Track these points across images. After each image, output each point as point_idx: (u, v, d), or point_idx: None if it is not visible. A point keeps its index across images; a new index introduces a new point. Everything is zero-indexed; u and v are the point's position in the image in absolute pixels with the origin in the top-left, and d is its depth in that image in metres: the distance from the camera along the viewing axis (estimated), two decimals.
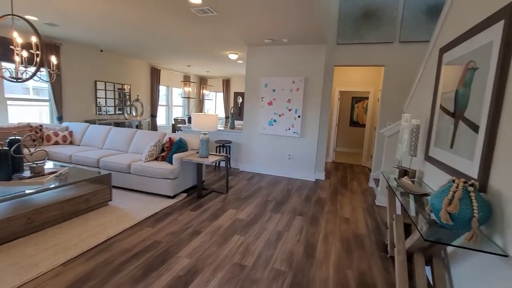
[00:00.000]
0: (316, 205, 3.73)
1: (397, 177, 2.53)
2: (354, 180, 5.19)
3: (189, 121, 6.03)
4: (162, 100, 9.06)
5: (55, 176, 2.92)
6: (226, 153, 5.50)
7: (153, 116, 8.33)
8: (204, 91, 9.48)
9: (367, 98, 8.23)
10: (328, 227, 3.04)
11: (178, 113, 10.10)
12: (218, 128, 5.94)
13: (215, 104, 11.09)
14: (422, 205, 1.85)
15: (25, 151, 3.44)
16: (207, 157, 3.81)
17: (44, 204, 2.60)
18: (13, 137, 2.76)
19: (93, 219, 2.87)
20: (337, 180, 5.14)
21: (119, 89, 7.09)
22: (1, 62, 4.55)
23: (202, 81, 10.85)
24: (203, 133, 3.79)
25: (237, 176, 5.04)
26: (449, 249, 1.86)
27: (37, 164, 2.87)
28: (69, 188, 3.10)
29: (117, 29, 4.44)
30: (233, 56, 5.92)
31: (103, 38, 5.22)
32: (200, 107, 11.04)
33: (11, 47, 2.64)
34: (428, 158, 2.38)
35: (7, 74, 2.65)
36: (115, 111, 7.01)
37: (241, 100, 10.25)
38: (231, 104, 10.49)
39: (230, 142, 5.47)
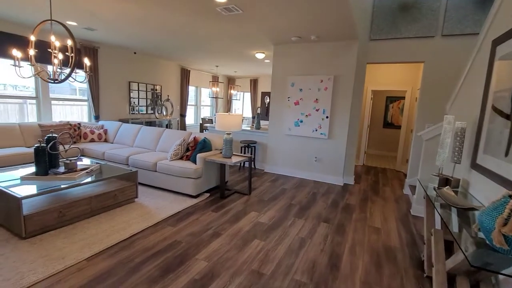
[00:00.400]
0: (343, 211, 3.50)
1: (437, 186, 2.25)
2: (387, 186, 4.83)
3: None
4: (191, 100, 9.29)
5: (86, 172, 3.06)
6: (251, 154, 5.43)
7: (182, 115, 8.56)
8: (232, 91, 9.53)
9: (403, 97, 7.66)
10: (356, 237, 2.82)
11: (206, 112, 10.29)
12: (244, 128, 5.91)
13: (242, 104, 11.12)
14: (467, 221, 1.60)
15: (61, 148, 3.67)
16: (230, 157, 3.77)
17: (75, 199, 2.73)
18: (50, 135, 2.94)
19: (119, 215, 2.97)
20: (367, 185, 4.82)
21: (151, 89, 7.39)
22: (41, 64, 4.95)
23: (230, 81, 10.94)
24: (227, 133, 3.75)
25: (261, 177, 4.95)
26: (502, 275, 1.58)
27: (70, 160, 3.04)
28: (98, 184, 3.24)
29: (149, 32, 4.59)
30: (260, 55, 5.84)
31: (136, 41, 5.44)
32: (227, 107, 11.14)
33: (48, 50, 2.80)
34: (475, 166, 2.08)
35: (46, 76, 2.82)
36: (146, 111, 7.32)
37: (268, 100, 10.17)
38: (259, 104, 10.44)
39: (255, 142, 5.40)
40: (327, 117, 4.71)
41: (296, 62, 4.93)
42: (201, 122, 8.67)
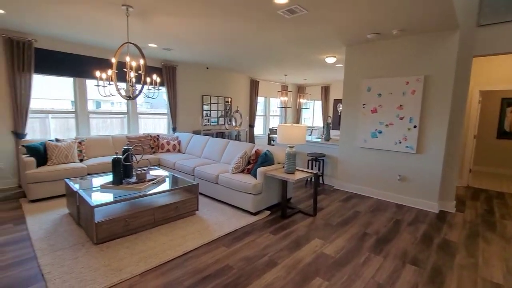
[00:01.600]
0: (440, 251, 2.66)
1: None
2: (508, 218, 3.56)
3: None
4: (260, 110, 9.33)
5: (152, 183, 3.20)
6: (319, 169, 4.91)
7: (251, 126, 8.64)
8: (301, 100, 9.15)
9: None
10: None
11: (276, 123, 10.18)
12: (313, 139, 5.44)
13: (313, 113, 10.57)
14: None
15: (135, 158, 4.01)
16: (293, 173, 3.40)
17: (140, 209, 2.85)
18: (126, 147, 3.20)
19: (179, 228, 2.96)
20: (476, 214, 3.66)
21: (223, 101, 7.70)
22: (119, 83, 5.68)
23: (300, 90, 10.58)
24: (290, 147, 3.41)
25: (330, 195, 4.37)
26: None
27: (141, 171, 3.23)
28: (162, 195, 3.35)
29: (215, 46, 4.72)
30: (330, 60, 5.33)
31: (207, 57, 5.72)
32: (296, 116, 10.78)
33: (124, 69, 3.07)
34: None
35: (123, 93, 3.10)
36: (218, 122, 7.65)
37: (341, 108, 9.35)
38: (331, 112, 9.71)
39: (323, 155, 4.87)
40: (414, 126, 3.83)
41: (373, 62, 4.24)
42: (269, 132, 8.56)
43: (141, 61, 3.00)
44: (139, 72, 3.03)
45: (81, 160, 4.37)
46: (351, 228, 3.14)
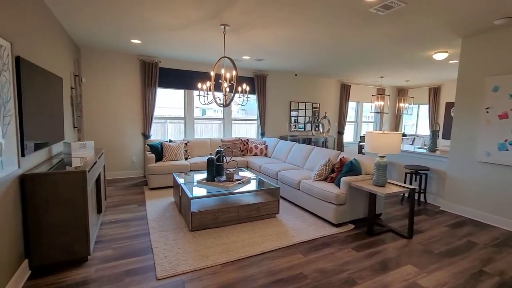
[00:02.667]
0: None
1: None
2: None
3: None
4: (350, 116, 8.75)
5: (239, 183, 3.49)
6: (420, 184, 4.20)
7: (340, 133, 8.20)
8: (401, 104, 8.05)
9: None
10: None
11: (369, 130, 9.32)
12: (415, 149, 4.70)
13: (416, 119, 9.12)
14: None
15: (232, 158, 4.44)
16: (383, 186, 3.04)
17: (227, 206, 3.15)
18: (218, 149, 3.61)
19: (259, 228, 3.11)
20: None
21: (313, 107, 7.64)
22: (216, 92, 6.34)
23: (400, 93, 9.33)
24: (380, 156, 3.07)
25: (433, 217, 3.66)
26: None
27: (230, 171, 3.58)
28: (246, 195, 3.59)
29: (306, 52, 4.75)
30: (440, 56, 4.49)
31: (296, 64, 5.82)
32: (395, 123, 9.54)
33: (220, 81, 3.48)
34: None
35: (218, 101, 3.52)
36: (304, 128, 7.62)
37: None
38: (441, 118, 8.15)
39: (427, 169, 4.13)
40: None
41: (502, 56, 3.34)
42: (359, 140, 7.91)
43: (234, 72, 3.34)
44: (232, 82, 3.38)
45: (186, 159, 5.20)
46: (461, 261, 2.54)
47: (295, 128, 7.45)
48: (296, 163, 4.84)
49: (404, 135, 7.98)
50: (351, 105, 8.72)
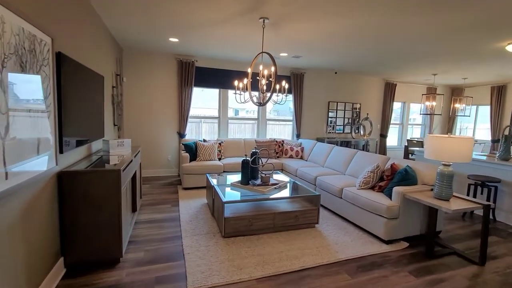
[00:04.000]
0: None
1: None
2: None
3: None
4: (395, 118, 8.01)
5: (275, 187, 3.23)
6: (488, 198, 3.56)
7: (383, 136, 7.53)
8: (457, 105, 7.13)
9: None
10: None
11: (416, 133, 8.47)
12: (478, 156, 4.05)
13: (474, 122, 8.06)
14: None
15: (268, 161, 4.21)
16: (447, 200, 2.56)
17: (262, 212, 2.92)
18: (254, 150, 3.40)
19: (297, 239, 2.82)
20: None
21: (353, 108, 7.13)
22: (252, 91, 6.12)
23: (455, 92, 8.32)
24: (444, 164, 2.59)
25: (508, 239, 3.05)
26: None
27: (265, 174, 3.34)
28: (283, 202, 3.32)
29: (353, 49, 4.34)
30: None
31: (338, 61, 5.41)
32: (448, 126, 8.54)
33: (257, 78, 3.26)
34: None
35: (255, 100, 3.31)
36: (343, 130, 7.12)
37: None
38: (506, 121, 7.07)
39: (498, 181, 3.48)
40: None
41: None
42: (406, 144, 7.18)
43: (272, 69, 3.10)
44: (270, 79, 3.14)
45: (219, 159, 5.09)
46: None
47: (333, 130, 6.99)
48: (336, 167, 4.44)
49: None
50: (396, 106, 7.98)
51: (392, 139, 8.12)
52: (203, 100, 6.11)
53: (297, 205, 3.20)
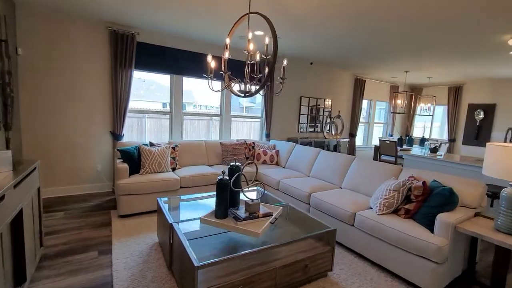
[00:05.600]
0: None
1: None
2: None
3: (434, 151, 4.05)
4: (364, 116, 7.67)
5: (271, 222, 2.14)
6: None
7: (352, 135, 7.08)
8: (422, 104, 7.09)
9: None
10: None
11: (376, 132, 8.32)
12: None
13: (431, 122, 8.25)
14: None
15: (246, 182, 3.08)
16: None
17: (257, 270, 1.80)
18: (234, 164, 2.24)
19: None
20: None
21: (322, 104, 6.40)
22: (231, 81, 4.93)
23: (415, 91, 8.41)
24: None
25: None
26: None
27: (252, 200, 2.22)
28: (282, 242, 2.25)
29: (345, 29, 3.47)
30: None
31: (318, 48, 4.54)
32: (407, 124, 8.63)
33: (244, 52, 2.10)
34: None
35: (236, 88, 2.15)
36: (314, 129, 6.39)
37: (482, 116, 6.87)
38: (462, 120, 7.30)
39: None
40: None
41: None
42: (378, 144, 6.83)
43: (266, 40, 1.98)
44: (265, 56, 2.01)
45: (173, 169, 3.75)
46: None
47: (305, 129, 6.20)
48: (327, 178, 3.57)
49: (424, 139, 7.04)
50: (364, 103, 7.63)
51: (358, 139, 7.78)
52: (150, 88, 4.62)
53: (303, 247, 2.17)
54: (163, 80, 4.51)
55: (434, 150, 4.18)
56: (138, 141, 4.25)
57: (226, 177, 2.12)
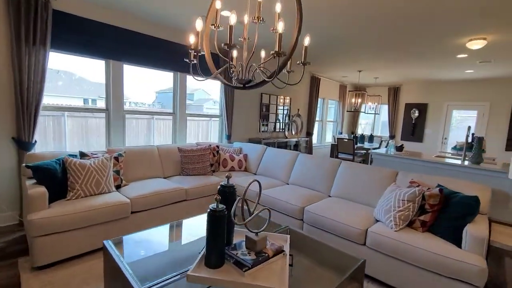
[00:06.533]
0: None
1: None
2: None
3: (400, 149, 4.08)
4: (318, 115, 7.67)
5: (290, 265, 1.55)
6: None
7: (309, 133, 6.97)
8: (371, 103, 7.47)
9: None
10: None
11: (329, 130, 8.50)
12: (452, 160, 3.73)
13: (373, 120, 8.84)
14: None
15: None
16: None
17: None
18: (226, 182, 1.58)
19: None
20: None
21: (285, 103, 6.02)
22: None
23: (357, 91, 8.87)
24: None
25: None
26: None
27: (257, 234, 1.58)
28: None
29: (328, 20, 3.08)
30: (476, 45, 3.62)
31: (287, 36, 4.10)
32: (353, 122, 9.07)
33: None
34: None
35: (236, 75, 1.47)
36: (275, 128, 6.00)
37: (417, 114, 7.63)
38: (400, 120, 7.98)
39: None
40: None
41: None
42: (335, 142, 6.87)
43: (278, 7, 1.37)
44: (273, 29, 1.38)
45: (118, 187, 2.77)
46: None
47: (266, 128, 5.74)
48: (312, 186, 3.15)
49: (372, 136, 7.43)
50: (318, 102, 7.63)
51: (313, 137, 7.75)
52: (70, 81, 3.45)
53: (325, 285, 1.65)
54: (90, 69, 3.39)
55: (400, 148, 4.23)
56: (57, 150, 3.08)
57: (221, 206, 1.44)
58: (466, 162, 3.46)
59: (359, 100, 6.63)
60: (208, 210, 1.42)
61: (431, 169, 3.67)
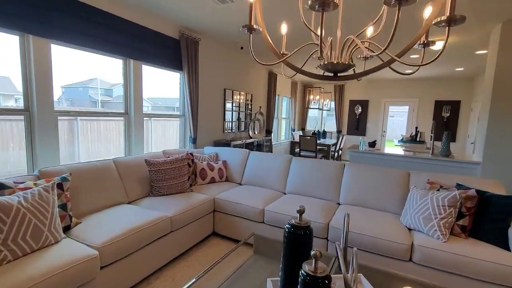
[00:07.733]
0: None
1: None
2: None
3: (372, 145, 4.14)
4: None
5: None
6: None
7: (269, 132, 6.67)
8: (322, 100, 7.65)
9: None
10: None
11: (283, 127, 8.40)
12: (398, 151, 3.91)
13: (321, 116, 9.17)
14: None
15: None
16: None
17: None
18: (297, 223, 1.05)
19: None
20: None
21: (246, 100, 5.47)
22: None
23: (305, 88, 9.07)
24: None
25: None
26: None
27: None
28: None
29: None
30: (439, 46, 3.91)
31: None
32: (303, 118, 9.24)
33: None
34: None
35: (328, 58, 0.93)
36: (238, 128, 5.45)
37: (360, 111, 8.23)
38: (345, 116, 8.49)
39: None
40: None
41: None
42: (296, 139, 6.75)
43: None
44: None
45: (67, 229, 1.81)
46: None
47: (229, 128, 5.13)
48: (317, 194, 2.78)
49: (324, 132, 7.65)
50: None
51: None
52: None
53: None
54: None
55: (372, 144, 4.31)
56: None
57: (322, 266, 0.91)
58: (430, 155, 3.70)
59: (317, 97, 6.66)
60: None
61: (402, 163, 3.80)
